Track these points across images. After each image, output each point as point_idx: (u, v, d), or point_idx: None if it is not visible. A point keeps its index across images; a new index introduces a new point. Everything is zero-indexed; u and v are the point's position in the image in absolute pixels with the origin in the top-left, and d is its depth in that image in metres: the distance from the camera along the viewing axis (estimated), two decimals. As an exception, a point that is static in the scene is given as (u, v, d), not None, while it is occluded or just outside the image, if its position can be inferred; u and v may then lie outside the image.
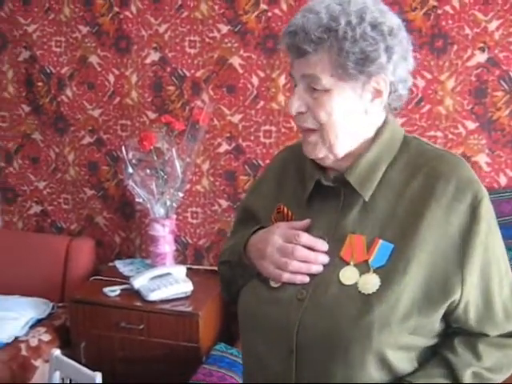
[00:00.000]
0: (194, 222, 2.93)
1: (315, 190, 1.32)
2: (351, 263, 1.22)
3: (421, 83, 2.56)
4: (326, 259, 1.24)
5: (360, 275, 1.20)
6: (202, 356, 2.53)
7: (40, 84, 3.05)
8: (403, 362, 1.21)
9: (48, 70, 3.02)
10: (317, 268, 1.23)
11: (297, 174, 1.41)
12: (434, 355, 1.26)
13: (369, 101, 1.23)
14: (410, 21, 2.52)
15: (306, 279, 1.23)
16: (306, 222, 1.28)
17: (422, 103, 2.59)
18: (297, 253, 1.24)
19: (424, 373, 1.23)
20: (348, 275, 1.21)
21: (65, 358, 2.29)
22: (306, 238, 1.25)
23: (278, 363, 1.23)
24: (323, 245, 1.25)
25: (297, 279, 1.24)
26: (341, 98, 1.20)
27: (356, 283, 1.20)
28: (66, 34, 2.98)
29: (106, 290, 2.66)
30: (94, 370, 2.12)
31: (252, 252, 1.34)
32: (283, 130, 2.73)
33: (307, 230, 1.30)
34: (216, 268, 2.67)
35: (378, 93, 1.23)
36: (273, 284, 1.29)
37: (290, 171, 1.44)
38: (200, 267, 2.90)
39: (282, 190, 1.42)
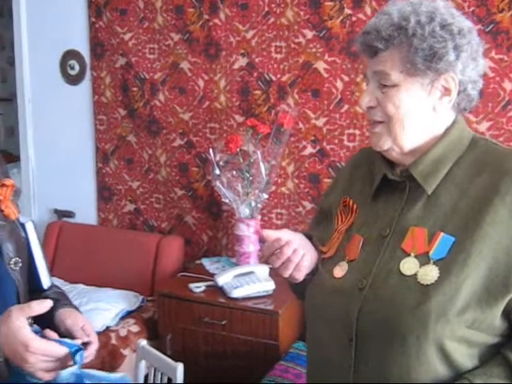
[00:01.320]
0: (279, 222, 3.00)
1: (382, 185, 1.38)
2: (412, 254, 1.26)
3: (508, 86, 2.54)
4: None
5: (420, 266, 1.24)
6: (280, 353, 2.59)
7: (135, 89, 3.22)
8: (464, 358, 1.22)
9: (142, 76, 3.18)
10: None
11: (367, 172, 1.48)
12: (496, 355, 1.27)
13: (437, 98, 1.28)
14: (497, 22, 2.50)
15: None
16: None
17: (510, 106, 2.56)
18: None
19: (483, 370, 1.23)
20: (408, 266, 1.25)
21: (150, 348, 2.41)
22: None
23: (338, 351, 1.29)
24: None
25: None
26: (409, 93, 1.27)
27: (416, 274, 1.23)
28: (159, 42, 3.13)
29: (192, 286, 2.77)
30: (178, 361, 2.23)
31: None
32: (367, 133, 2.76)
33: (368, 225, 1.37)
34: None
35: (446, 91, 1.27)
36: (336, 274, 1.35)
37: (361, 169, 1.51)
38: (283, 267, 2.96)
39: (351, 186, 1.49)
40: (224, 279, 2.73)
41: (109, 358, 2.72)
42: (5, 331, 1.26)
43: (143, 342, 2.41)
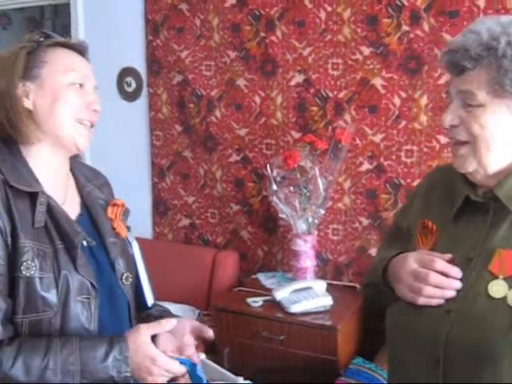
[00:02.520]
0: (335, 238, 3.01)
1: (462, 206, 1.37)
2: (500, 277, 1.26)
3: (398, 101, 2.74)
4: (459, 285, 1.28)
5: (509, 289, 1.23)
6: (338, 369, 2.58)
7: (191, 105, 3.27)
8: None
9: (199, 93, 3.23)
10: (450, 294, 1.28)
11: (444, 191, 1.48)
12: None
13: None
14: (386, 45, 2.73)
15: (441, 302, 1.28)
16: (447, 256, 1.32)
17: (400, 120, 2.79)
18: (431, 279, 1.29)
19: None
20: (497, 289, 1.25)
21: (210, 362, 2.43)
22: (440, 264, 1.30)
23: (424, 374, 1.29)
24: (457, 272, 1.29)
25: (432, 302, 1.29)
26: (494, 115, 1.26)
27: (505, 297, 1.23)
28: (215, 59, 3.17)
29: (249, 300, 2.79)
30: (237, 375, 2.24)
31: (390, 276, 1.41)
32: (425, 149, 2.76)
33: (451, 248, 1.35)
34: (355, 285, 2.77)
35: None
36: None
37: (437, 189, 1.51)
38: (339, 283, 2.97)
39: (429, 207, 1.49)
40: (282, 294, 2.74)
41: (168, 372, 2.75)
42: (133, 346, 1.35)
43: (202, 356, 2.42)
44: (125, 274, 1.54)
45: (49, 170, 1.46)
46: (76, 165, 1.60)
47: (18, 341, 1.31)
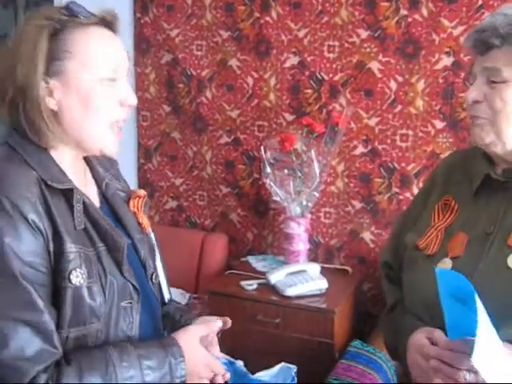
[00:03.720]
0: (327, 221, 3.01)
1: (482, 184, 1.44)
2: None
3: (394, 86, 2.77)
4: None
5: None
6: (334, 353, 2.60)
7: (181, 85, 3.21)
8: None
9: (189, 73, 3.18)
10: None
11: (463, 172, 1.55)
12: None
13: None
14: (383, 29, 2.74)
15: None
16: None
17: (395, 104, 2.80)
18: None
19: None
20: None
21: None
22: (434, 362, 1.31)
23: None
24: (452, 358, 1.28)
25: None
26: None
27: None
28: (207, 39, 3.12)
29: (243, 283, 2.77)
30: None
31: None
32: (420, 134, 2.77)
33: (471, 223, 1.41)
34: (347, 268, 2.80)
35: None
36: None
37: (456, 170, 1.58)
38: (331, 266, 2.97)
39: (449, 187, 1.56)
40: (276, 277, 2.73)
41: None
42: (186, 349, 1.29)
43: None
44: (154, 274, 1.46)
45: (68, 163, 1.31)
46: None
47: (75, 358, 1.19)
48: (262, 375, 1.59)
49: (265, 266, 2.97)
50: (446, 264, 1.42)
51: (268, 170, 2.86)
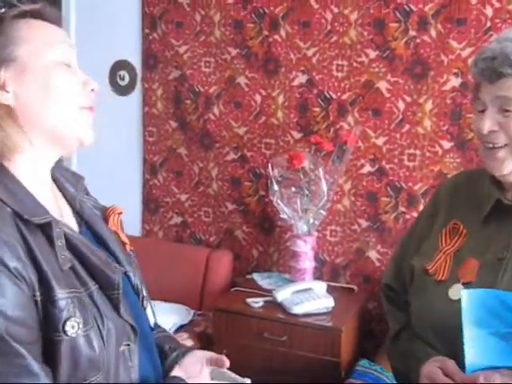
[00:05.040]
0: (333, 240, 3.01)
1: (492, 209, 1.44)
2: None
3: (402, 105, 2.81)
4: None
5: None
6: (341, 371, 2.59)
7: (188, 102, 3.22)
8: None
9: (196, 89, 3.19)
10: None
11: (469, 195, 1.54)
12: None
13: None
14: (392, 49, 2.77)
15: None
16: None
17: (403, 123, 2.82)
18: None
19: None
20: None
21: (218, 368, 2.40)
22: None
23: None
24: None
25: None
26: None
27: None
28: (215, 56, 3.13)
29: (250, 300, 2.76)
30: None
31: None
32: (428, 154, 2.78)
33: (482, 248, 1.41)
34: (352, 286, 2.81)
35: None
36: (453, 297, 1.39)
37: (462, 192, 1.57)
38: (337, 284, 2.97)
39: (455, 210, 1.54)
40: (283, 295, 2.73)
41: (167, 372, 2.70)
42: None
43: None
44: (144, 298, 1.31)
45: (34, 182, 1.12)
46: (55, 168, 1.22)
47: None
48: None
49: (270, 284, 2.97)
50: (459, 290, 1.39)
51: (275, 187, 2.87)
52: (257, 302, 2.76)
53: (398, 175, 2.85)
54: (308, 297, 2.71)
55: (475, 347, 1.25)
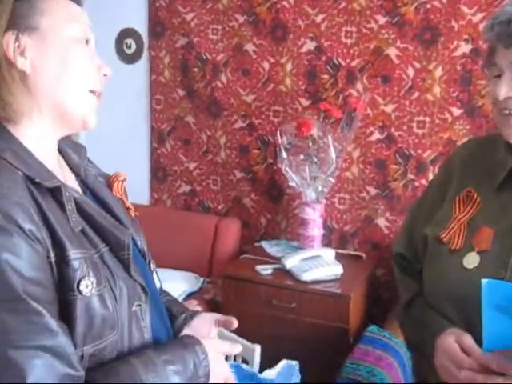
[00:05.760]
0: (341, 207, 3.01)
1: (506, 178, 1.41)
2: None
3: (411, 72, 2.80)
4: None
5: None
6: (349, 337, 2.61)
7: (195, 70, 3.20)
8: None
9: (204, 57, 3.17)
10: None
11: (483, 162, 1.51)
12: None
13: None
14: (402, 15, 2.77)
15: None
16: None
17: (412, 90, 2.80)
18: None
19: None
20: None
21: (225, 331, 2.42)
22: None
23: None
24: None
25: None
26: None
27: None
28: (222, 23, 3.11)
29: (259, 268, 2.78)
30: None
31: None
32: (437, 121, 2.77)
33: (497, 216, 1.40)
34: (361, 254, 2.81)
35: None
36: (467, 266, 1.38)
37: (475, 160, 1.54)
38: (345, 252, 2.98)
39: (469, 177, 1.52)
40: (292, 262, 2.74)
41: (176, 339, 2.73)
42: (210, 354, 1.20)
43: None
44: (151, 261, 1.35)
45: (41, 150, 1.14)
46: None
47: (99, 378, 1.05)
48: (268, 374, 1.57)
49: (279, 251, 2.98)
50: (474, 259, 1.39)
51: (284, 155, 2.86)
52: (266, 270, 2.77)
53: (407, 142, 2.84)
54: (317, 264, 2.72)
55: (494, 327, 1.24)
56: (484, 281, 1.22)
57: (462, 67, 2.70)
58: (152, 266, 1.35)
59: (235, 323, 1.41)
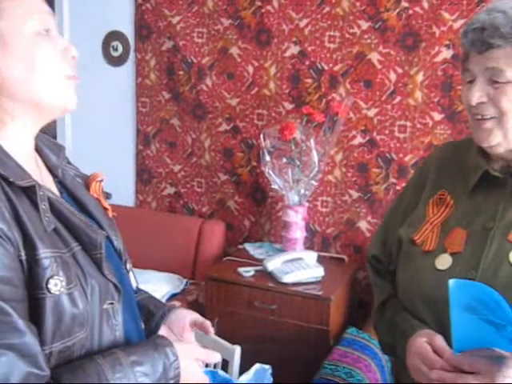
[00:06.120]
0: (324, 210, 3.04)
1: (479, 180, 1.44)
2: None
3: (393, 77, 2.83)
4: None
5: None
6: (329, 339, 2.63)
7: (181, 73, 3.22)
8: None
9: (189, 60, 3.19)
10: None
11: (457, 166, 1.54)
12: None
13: None
14: (384, 20, 2.80)
15: None
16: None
17: (394, 95, 2.84)
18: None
19: None
20: None
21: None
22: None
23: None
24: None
25: None
26: None
27: None
28: (208, 26, 3.13)
29: (241, 270, 2.80)
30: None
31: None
32: (418, 125, 2.80)
33: (469, 218, 1.42)
34: (343, 256, 2.83)
35: None
36: (440, 267, 1.41)
37: (449, 164, 1.57)
38: (327, 254, 3.01)
39: (443, 180, 1.55)
40: (273, 264, 2.76)
41: (159, 339, 2.75)
42: (182, 354, 1.19)
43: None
44: (127, 260, 1.35)
45: (18, 151, 1.14)
46: (38, 138, 1.25)
47: (64, 378, 1.06)
48: (243, 379, 1.59)
49: (262, 254, 3.00)
50: (446, 260, 1.42)
51: (267, 158, 2.89)
52: (248, 271, 2.79)
53: (389, 146, 2.87)
54: (298, 266, 2.74)
55: (463, 328, 1.26)
56: (451, 281, 1.24)
57: (443, 72, 2.73)
58: (128, 265, 1.35)
59: (211, 330, 1.42)
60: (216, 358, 1.29)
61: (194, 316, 1.44)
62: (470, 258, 1.39)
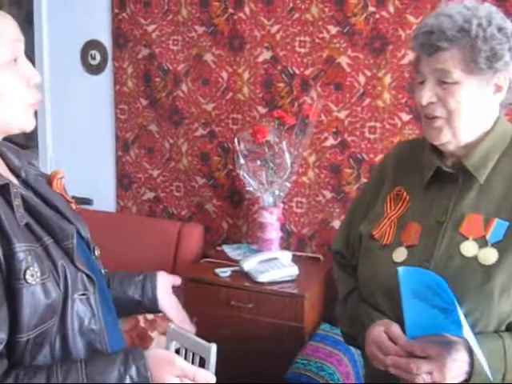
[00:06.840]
0: (299, 211, 3.11)
1: (433, 176, 1.52)
2: (470, 238, 1.41)
3: (362, 79, 2.90)
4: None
5: (479, 249, 1.39)
6: (305, 336, 2.70)
7: (157, 80, 3.30)
8: None
9: (165, 67, 3.26)
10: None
11: (413, 163, 1.63)
12: None
13: (490, 95, 1.43)
14: (352, 25, 2.88)
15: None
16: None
17: (364, 97, 2.91)
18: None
19: None
20: (468, 248, 1.41)
21: (182, 330, 2.49)
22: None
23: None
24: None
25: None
26: (468, 90, 1.40)
27: (476, 256, 1.39)
28: (182, 34, 3.21)
29: (218, 270, 2.87)
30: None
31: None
32: (387, 126, 2.88)
33: (424, 212, 1.51)
34: (318, 256, 2.90)
35: (498, 88, 1.43)
36: (396, 259, 1.49)
37: (405, 162, 1.66)
38: (303, 254, 3.08)
39: (400, 177, 1.63)
40: (249, 264, 2.83)
41: (138, 340, 2.81)
42: (154, 365, 1.24)
43: (173, 325, 2.50)
44: (95, 247, 1.44)
45: None
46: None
47: (13, 374, 1.13)
48: None
49: (239, 255, 3.06)
50: (402, 253, 1.50)
51: (242, 161, 2.96)
52: (225, 272, 2.86)
53: (360, 147, 2.94)
54: (273, 266, 2.82)
55: (414, 314, 1.34)
56: (400, 268, 1.32)
57: (410, 74, 2.81)
58: (96, 252, 1.45)
59: (193, 328, 1.73)
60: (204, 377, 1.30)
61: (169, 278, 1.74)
62: (424, 251, 1.47)
